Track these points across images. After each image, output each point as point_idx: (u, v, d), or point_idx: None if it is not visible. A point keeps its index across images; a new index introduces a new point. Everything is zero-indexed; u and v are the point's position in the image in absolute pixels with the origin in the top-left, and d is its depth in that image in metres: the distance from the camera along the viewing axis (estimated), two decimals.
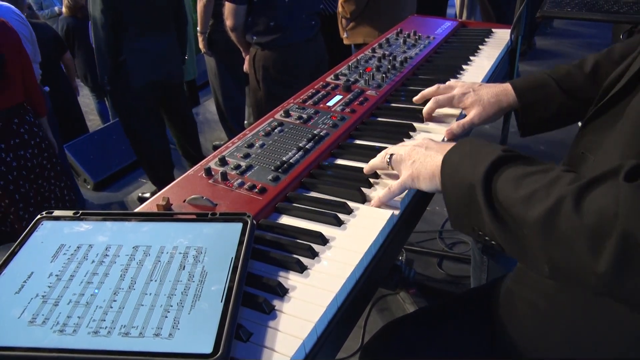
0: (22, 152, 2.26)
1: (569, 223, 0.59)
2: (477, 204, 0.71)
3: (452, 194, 0.77)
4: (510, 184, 0.68)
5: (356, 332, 1.97)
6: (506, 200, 0.67)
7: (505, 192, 0.68)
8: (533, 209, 0.63)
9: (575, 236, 0.58)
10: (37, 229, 0.81)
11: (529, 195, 0.64)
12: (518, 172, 0.69)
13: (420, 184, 0.85)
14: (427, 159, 0.85)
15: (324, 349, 0.69)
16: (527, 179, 0.67)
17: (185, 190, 0.95)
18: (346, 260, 0.78)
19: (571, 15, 2.07)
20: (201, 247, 0.75)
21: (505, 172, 0.70)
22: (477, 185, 0.71)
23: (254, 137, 1.13)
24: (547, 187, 0.64)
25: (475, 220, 0.73)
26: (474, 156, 0.75)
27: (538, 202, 0.63)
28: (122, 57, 2.67)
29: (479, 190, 0.70)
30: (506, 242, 0.70)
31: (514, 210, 0.66)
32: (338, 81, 1.41)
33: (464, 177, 0.74)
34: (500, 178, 0.70)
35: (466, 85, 1.15)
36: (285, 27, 2.42)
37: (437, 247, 2.47)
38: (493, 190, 0.70)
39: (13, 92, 2.22)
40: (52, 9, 5.55)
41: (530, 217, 0.63)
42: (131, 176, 3.80)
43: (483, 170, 0.71)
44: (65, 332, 0.63)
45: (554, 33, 5.92)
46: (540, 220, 0.62)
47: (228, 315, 0.63)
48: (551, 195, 0.62)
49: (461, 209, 0.76)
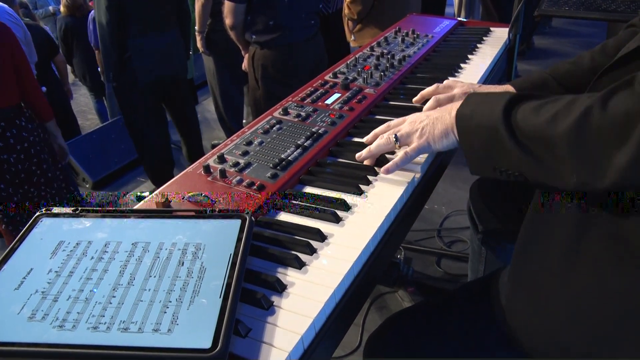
0: (6, 157, 2.23)
1: (598, 125, 0.65)
2: (499, 142, 0.75)
3: (471, 141, 0.82)
4: (530, 114, 0.73)
5: (354, 330, 1.98)
6: (530, 128, 0.72)
7: (527, 121, 0.73)
8: (561, 124, 0.68)
9: (606, 133, 0.64)
10: (36, 225, 0.81)
11: (553, 115, 0.70)
12: (533, 104, 0.74)
13: (437, 144, 0.91)
14: (436, 122, 0.90)
15: (322, 345, 0.69)
16: (544, 107, 0.72)
17: (184, 187, 0.95)
18: (344, 257, 0.78)
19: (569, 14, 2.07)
20: (200, 243, 0.75)
21: (521, 107, 0.75)
22: (497, 124, 0.75)
23: (252, 134, 1.13)
24: (567, 106, 0.69)
25: (498, 160, 0.78)
26: (486, 102, 0.81)
27: (564, 117, 0.68)
28: (128, 53, 2.67)
29: (500, 128, 0.75)
30: (532, 169, 0.74)
31: (540, 133, 0.71)
32: (336, 79, 1.41)
33: (481, 121, 0.79)
34: (519, 112, 0.75)
35: (466, 85, 1.15)
36: (285, 26, 2.43)
37: (435, 245, 2.48)
38: (514, 124, 0.74)
39: (2, 95, 2.20)
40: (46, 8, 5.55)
41: (558, 131, 0.68)
42: (130, 175, 3.80)
43: (501, 109, 0.76)
44: (65, 327, 0.63)
45: (552, 32, 5.92)
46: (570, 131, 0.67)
47: (227, 310, 0.64)
48: (574, 109, 0.68)
49: (482, 153, 0.80)
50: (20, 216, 2.37)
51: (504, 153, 0.76)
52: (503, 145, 0.75)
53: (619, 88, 0.66)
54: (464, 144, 0.84)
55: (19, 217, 2.37)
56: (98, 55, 3.79)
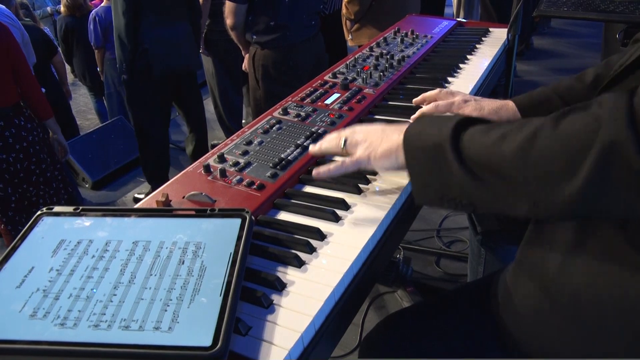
0: (4, 156, 2.23)
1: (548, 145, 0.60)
2: (445, 163, 0.71)
3: (416, 162, 0.77)
4: (479, 134, 0.69)
5: (354, 330, 1.98)
6: (477, 149, 0.68)
7: (475, 142, 0.69)
8: (507, 145, 0.64)
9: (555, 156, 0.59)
10: (37, 224, 0.81)
11: (501, 136, 0.66)
12: (484, 126, 0.70)
13: (377, 162, 0.86)
14: (384, 139, 0.85)
15: (321, 343, 0.70)
16: (494, 129, 0.68)
17: (185, 186, 0.95)
18: (344, 256, 0.79)
19: (567, 15, 2.08)
20: (200, 242, 0.76)
21: (471, 128, 0.71)
22: (444, 143, 0.71)
23: (252, 134, 1.13)
24: (519, 126, 0.65)
25: (444, 185, 0.73)
26: (436, 122, 0.76)
27: (512, 138, 0.64)
28: (144, 45, 2.70)
29: (446, 147, 0.70)
30: (479, 195, 0.70)
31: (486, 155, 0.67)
32: (336, 79, 1.41)
33: (429, 140, 0.74)
34: (468, 132, 0.71)
35: (469, 95, 1.15)
36: (285, 26, 2.43)
37: (434, 245, 2.48)
38: (461, 143, 0.70)
39: (0, 95, 2.20)
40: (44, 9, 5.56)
41: (504, 152, 0.64)
42: (129, 175, 3.80)
43: (450, 128, 0.72)
44: (66, 325, 0.63)
45: (551, 33, 5.93)
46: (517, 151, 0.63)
47: (227, 309, 0.64)
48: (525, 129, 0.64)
49: (428, 177, 0.76)
50: (19, 216, 2.37)
51: (449, 177, 0.71)
52: (449, 167, 0.71)
53: (574, 110, 0.62)
54: (409, 165, 0.79)
55: (18, 216, 2.37)
56: (98, 55, 3.79)
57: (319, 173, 0.91)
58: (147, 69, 2.75)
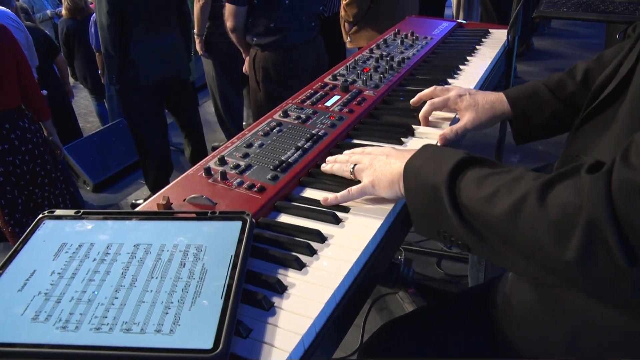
0: (11, 159, 2.24)
1: (534, 217, 0.61)
2: (442, 205, 0.72)
3: (415, 198, 0.78)
4: (473, 185, 0.69)
5: (355, 332, 1.98)
6: (470, 201, 0.69)
7: (468, 193, 0.69)
8: (497, 206, 0.65)
9: (541, 230, 0.60)
10: (39, 228, 0.82)
11: (492, 193, 0.66)
12: (481, 173, 0.70)
13: (381, 191, 0.87)
14: (387, 167, 0.86)
15: (322, 345, 0.70)
16: (489, 178, 0.69)
17: (185, 189, 0.96)
18: (344, 258, 0.79)
19: (567, 16, 2.08)
20: (201, 245, 0.76)
21: (468, 173, 0.72)
22: (441, 188, 0.72)
23: (253, 137, 1.14)
24: (510, 184, 0.66)
25: (441, 223, 0.74)
26: (436, 160, 0.77)
27: (502, 199, 0.65)
28: (130, 56, 2.69)
29: (443, 192, 0.71)
30: (473, 243, 0.71)
31: (478, 210, 0.67)
32: (336, 81, 1.42)
33: (427, 180, 0.75)
34: (464, 179, 0.71)
35: (463, 89, 1.16)
36: (286, 28, 2.43)
37: (436, 246, 2.48)
38: (457, 191, 0.71)
39: (5, 97, 2.21)
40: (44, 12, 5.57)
41: (494, 214, 0.65)
42: (130, 178, 3.81)
43: (447, 173, 0.72)
44: (68, 328, 0.64)
45: (551, 33, 5.93)
46: (505, 217, 0.64)
47: (228, 311, 0.64)
48: (514, 192, 0.64)
49: (425, 213, 0.77)
50: (26, 218, 2.38)
51: (446, 219, 0.72)
52: (445, 211, 0.72)
53: (564, 176, 0.62)
54: (409, 200, 0.80)
55: (25, 219, 2.38)
56: (99, 57, 3.80)
57: (327, 200, 0.91)
58: (134, 80, 2.75)
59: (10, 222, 2.35)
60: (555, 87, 1.09)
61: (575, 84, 1.08)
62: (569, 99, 1.07)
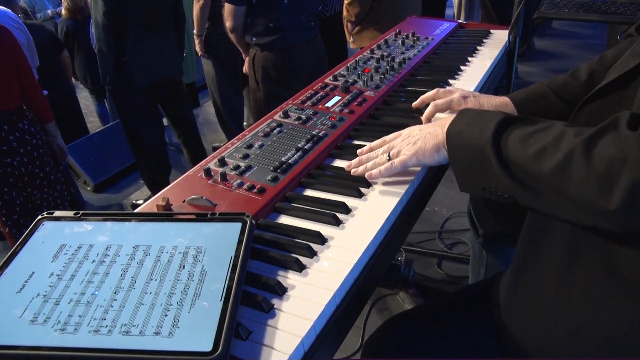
0: (9, 160, 2.24)
1: (581, 172, 0.65)
2: (488, 164, 0.76)
3: (460, 159, 0.83)
4: (518, 144, 0.73)
5: (356, 332, 1.98)
6: (517, 159, 0.73)
7: (515, 152, 0.73)
8: (545, 164, 0.69)
9: (588, 182, 0.65)
10: (38, 229, 0.81)
11: (539, 151, 0.70)
12: (523, 132, 0.74)
13: (427, 159, 0.92)
14: (427, 136, 0.91)
15: (322, 347, 0.69)
16: (533, 136, 0.73)
17: (185, 190, 0.95)
18: (344, 260, 0.79)
19: (568, 16, 2.08)
20: (201, 246, 0.76)
21: (512, 132, 0.76)
22: (487, 148, 0.76)
23: (253, 137, 1.13)
24: (555, 142, 0.70)
25: (487, 180, 0.78)
26: (478, 122, 0.81)
27: (549, 156, 0.69)
28: (125, 58, 2.68)
29: (489, 152, 0.75)
30: (521, 195, 0.75)
31: (526, 167, 0.71)
32: (337, 82, 1.41)
33: (471, 141, 0.79)
34: (509, 138, 0.75)
35: (466, 91, 1.16)
36: (285, 28, 2.43)
37: (436, 247, 2.48)
38: (503, 150, 0.75)
39: (4, 98, 2.21)
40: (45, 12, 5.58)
41: (543, 171, 0.69)
42: (131, 178, 3.80)
43: (491, 132, 0.76)
44: (67, 330, 0.63)
45: (552, 34, 5.93)
46: (554, 173, 0.68)
47: (227, 313, 0.64)
48: (560, 149, 0.68)
49: (471, 172, 0.81)
50: (23, 219, 2.38)
51: (493, 176, 0.77)
52: (492, 168, 0.76)
53: (604, 131, 0.66)
54: (454, 162, 0.85)
55: (23, 219, 2.37)
56: None
57: (372, 175, 0.96)
58: (129, 81, 2.75)
59: (7, 223, 2.35)
60: (561, 90, 1.09)
61: (580, 85, 1.08)
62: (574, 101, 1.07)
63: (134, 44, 2.68)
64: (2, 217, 2.33)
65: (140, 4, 2.64)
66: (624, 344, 0.74)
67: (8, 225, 2.36)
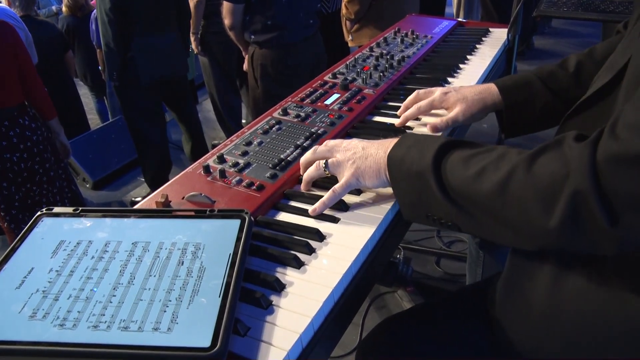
0: (8, 156, 2.24)
1: (522, 187, 0.64)
2: (429, 190, 0.74)
3: (401, 186, 0.80)
4: (459, 165, 0.72)
5: (354, 330, 1.98)
6: (457, 181, 0.71)
7: (455, 173, 0.71)
8: (485, 183, 0.67)
9: (529, 200, 0.63)
10: (37, 225, 0.82)
11: (480, 171, 0.69)
12: (464, 154, 0.73)
13: (366, 181, 0.87)
14: (368, 158, 0.86)
15: (320, 344, 0.70)
16: (475, 157, 0.71)
17: (184, 187, 0.96)
18: (343, 256, 0.79)
19: (567, 15, 2.08)
20: (199, 243, 0.76)
21: (452, 155, 0.74)
22: (426, 172, 0.74)
23: (252, 135, 1.13)
24: (496, 161, 0.68)
25: (429, 207, 0.76)
26: (418, 146, 0.79)
27: (489, 175, 0.67)
28: (130, 54, 2.69)
29: (429, 176, 0.73)
30: (463, 221, 0.73)
31: (466, 189, 0.70)
32: (336, 80, 1.41)
33: (412, 166, 0.77)
34: (449, 161, 0.73)
35: (446, 87, 1.14)
36: (283, 25, 2.43)
37: (435, 245, 2.48)
38: (443, 173, 0.73)
39: (5, 94, 2.21)
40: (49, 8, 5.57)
41: (483, 190, 0.67)
42: (130, 175, 3.81)
43: (431, 156, 0.74)
44: (66, 326, 0.63)
45: (552, 33, 5.93)
46: (494, 191, 0.66)
47: (226, 309, 0.64)
48: (502, 167, 0.67)
49: (413, 199, 0.79)
50: (22, 214, 2.38)
51: (435, 202, 0.74)
52: (433, 194, 0.74)
53: (548, 148, 0.65)
54: (395, 189, 0.82)
55: (22, 215, 2.38)
56: (99, 54, 3.80)
57: (315, 211, 0.88)
58: (135, 78, 2.75)
59: (6, 218, 2.36)
60: (548, 79, 1.08)
61: (567, 77, 1.07)
62: (561, 92, 1.06)
63: (139, 40, 2.69)
64: (1, 212, 2.33)
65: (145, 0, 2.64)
66: (618, 347, 0.74)
67: (7, 221, 2.37)
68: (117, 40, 2.65)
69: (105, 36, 2.68)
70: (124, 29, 2.64)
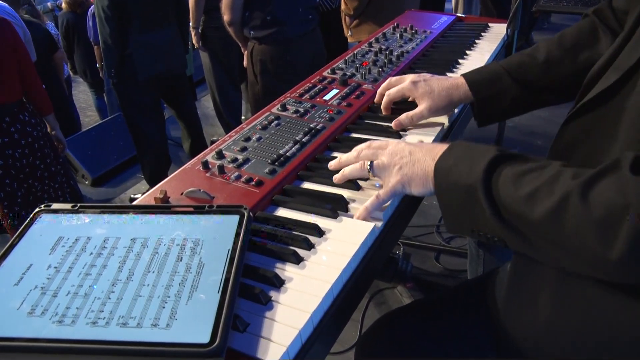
0: (10, 152, 2.25)
1: (578, 218, 0.60)
2: (477, 205, 0.71)
3: (448, 197, 0.76)
4: (510, 183, 0.68)
5: (353, 326, 1.99)
6: (508, 200, 0.67)
7: (506, 192, 0.68)
8: (538, 207, 0.64)
9: (586, 230, 0.60)
10: (35, 221, 0.81)
11: (532, 192, 0.65)
12: (516, 170, 0.69)
13: (412, 189, 0.84)
14: (416, 164, 0.83)
15: (320, 339, 0.70)
16: (526, 176, 0.67)
17: (183, 183, 0.95)
18: (342, 252, 0.79)
19: (566, 10, 2.07)
20: (198, 239, 0.76)
21: (503, 171, 0.70)
22: (477, 187, 0.70)
23: (251, 130, 1.13)
24: (550, 184, 0.64)
25: (476, 222, 0.73)
26: (469, 158, 0.75)
27: (542, 199, 0.64)
28: (128, 50, 2.68)
29: (480, 191, 0.70)
30: (513, 240, 0.71)
31: (518, 209, 0.66)
32: (335, 75, 1.41)
33: (460, 179, 0.73)
34: (500, 177, 0.70)
35: (417, 75, 1.14)
36: (282, 21, 2.43)
37: (434, 241, 2.48)
38: (494, 190, 0.69)
39: (5, 91, 2.21)
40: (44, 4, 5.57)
41: (535, 214, 0.64)
42: (129, 172, 3.80)
43: (481, 171, 0.71)
44: (64, 322, 0.63)
45: (551, 28, 5.92)
46: (548, 218, 0.63)
47: (225, 305, 0.64)
48: (555, 192, 0.63)
49: (459, 212, 0.75)
50: (25, 211, 2.39)
51: (482, 218, 0.71)
52: (481, 209, 0.70)
53: (604, 173, 0.61)
54: (441, 201, 0.78)
55: (24, 212, 2.38)
56: (97, 51, 3.79)
57: (359, 217, 0.86)
58: (133, 74, 2.75)
59: (9, 215, 2.36)
60: (516, 71, 1.08)
61: (537, 66, 1.06)
62: (531, 83, 1.06)
63: (137, 37, 2.69)
64: (4, 209, 2.34)
65: None
66: (622, 348, 0.74)
67: (10, 217, 2.37)
68: (114, 37, 2.64)
69: (102, 33, 2.68)
70: (121, 25, 2.63)
